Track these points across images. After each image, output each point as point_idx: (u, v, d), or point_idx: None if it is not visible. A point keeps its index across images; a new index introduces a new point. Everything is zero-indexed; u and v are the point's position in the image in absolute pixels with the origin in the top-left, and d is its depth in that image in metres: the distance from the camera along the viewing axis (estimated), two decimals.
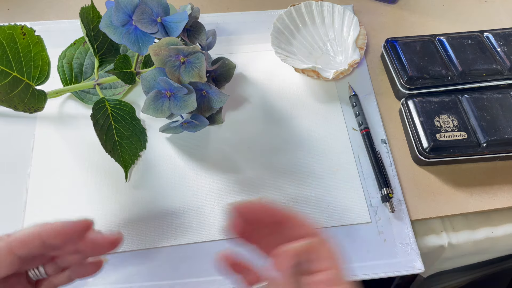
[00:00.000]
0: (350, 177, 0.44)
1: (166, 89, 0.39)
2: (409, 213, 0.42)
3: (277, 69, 0.51)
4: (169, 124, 0.42)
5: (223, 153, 0.45)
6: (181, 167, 0.44)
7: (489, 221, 0.43)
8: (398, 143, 0.46)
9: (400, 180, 0.44)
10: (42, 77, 0.43)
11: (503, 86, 0.48)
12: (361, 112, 0.47)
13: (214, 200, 0.42)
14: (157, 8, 0.40)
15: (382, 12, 0.58)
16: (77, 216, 0.40)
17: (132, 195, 0.42)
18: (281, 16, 0.52)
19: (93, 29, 0.43)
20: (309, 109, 0.48)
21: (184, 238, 0.40)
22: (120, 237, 0.30)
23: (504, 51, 0.49)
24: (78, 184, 0.42)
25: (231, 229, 0.29)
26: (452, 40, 0.50)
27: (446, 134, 0.43)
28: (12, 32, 0.41)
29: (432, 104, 0.45)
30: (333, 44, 0.52)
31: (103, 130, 0.41)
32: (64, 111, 0.47)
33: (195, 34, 0.44)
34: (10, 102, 0.42)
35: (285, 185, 0.43)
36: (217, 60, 0.47)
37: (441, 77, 0.47)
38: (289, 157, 0.45)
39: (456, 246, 0.42)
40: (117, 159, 0.42)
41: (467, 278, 0.61)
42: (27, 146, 0.44)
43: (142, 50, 0.40)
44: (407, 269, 0.39)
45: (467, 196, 0.43)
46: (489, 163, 0.45)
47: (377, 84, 0.51)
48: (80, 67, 0.47)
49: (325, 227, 0.41)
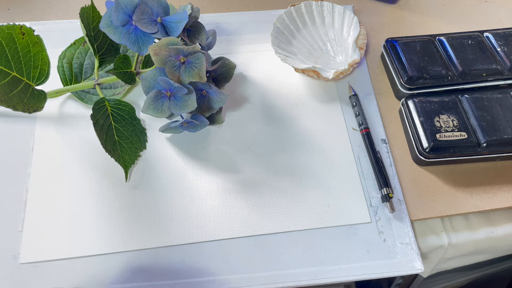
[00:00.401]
0: (350, 177, 0.44)
1: (166, 89, 0.39)
2: (409, 213, 0.42)
3: (277, 69, 0.51)
4: (169, 124, 0.42)
5: (223, 153, 0.45)
6: (181, 167, 0.44)
7: (489, 221, 0.43)
8: (398, 143, 0.46)
9: (400, 180, 0.44)
10: (41, 77, 0.43)
11: (503, 86, 0.48)
12: (361, 112, 0.47)
13: (214, 200, 0.42)
14: (157, 8, 0.40)
15: (382, 12, 0.58)
16: (76, 216, 0.40)
17: (132, 195, 0.42)
18: (281, 16, 0.52)
19: (93, 29, 0.43)
20: (309, 109, 0.48)
21: (184, 238, 0.40)
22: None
23: (504, 51, 0.49)
24: (78, 184, 0.42)
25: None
26: (452, 40, 0.50)
27: (446, 134, 0.43)
28: (11, 32, 0.41)
29: (432, 104, 0.45)
30: (333, 44, 0.52)
31: (103, 130, 0.41)
32: (64, 111, 0.47)
33: (195, 34, 0.44)
34: (9, 102, 0.42)
35: (285, 185, 0.43)
36: (217, 60, 0.47)
37: (441, 77, 0.47)
38: (289, 157, 0.45)
39: (456, 246, 0.42)
40: (117, 159, 0.42)
41: (467, 278, 0.61)
42: (27, 146, 0.44)
43: (142, 50, 0.40)
44: (407, 269, 0.39)
45: (467, 196, 0.43)
46: (489, 163, 0.45)
47: (377, 84, 0.51)
48: (80, 67, 0.47)
49: (325, 227, 0.41)
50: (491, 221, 0.43)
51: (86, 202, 0.41)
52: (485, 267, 0.60)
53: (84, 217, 0.40)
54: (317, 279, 0.38)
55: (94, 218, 0.40)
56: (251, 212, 0.41)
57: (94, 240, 0.39)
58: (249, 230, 0.40)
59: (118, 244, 0.39)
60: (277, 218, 0.41)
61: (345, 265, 0.39)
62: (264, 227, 0.40)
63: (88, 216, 0.40)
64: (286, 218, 0.41)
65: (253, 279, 0.38)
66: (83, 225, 0.40)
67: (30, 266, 0.38)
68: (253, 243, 0.40)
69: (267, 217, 0.41)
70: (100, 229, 0.40)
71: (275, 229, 0.40)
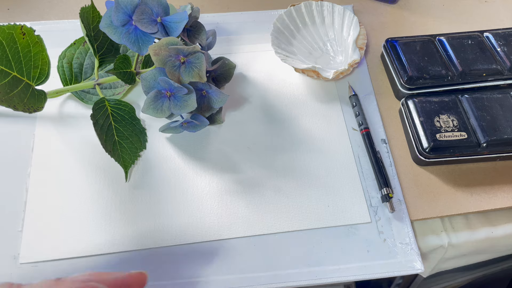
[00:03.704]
0: (350, 177, 0.44)
1: (166, 89, 0.39)
2: (409, 213, 0.42)
3: (277, 69, 0.51)
4: (169, 124, 0.42)
5: (223, 153, 0.45)
6: (181, 167, 0.44)
7: (489, 221, 0.43)
8: (398, 143, 0.46)
9: (400, 180, 0.44)
10: (42, 77, 0.43)
11: (503, 86, 0.48)
12: (361, 112, 0.47)
13: (214, 200, 0.42)
14: (157, 8, 0.40)
15: (382, 12, 0.58)
16: (76, 216, 0.40)
17: (132, 195, 0.42)
18: (281, 16, 0.52)
19: (93, 29, 0.43)
20: (309, 109, 0.48)
21: (184, 238, 0.40)
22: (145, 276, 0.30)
23: (504, 51, 0.49)
24: (78, 184, 0.42)
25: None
26: (452, 40, 0.50)
27: (446, 134, 0.43)
28: (12, 32, 0.41)
29: (432, 104, 0.45)
30: (333, 44, 0.52)
31: (103, 130, 0.41)
32: (64, 111, 0.47)
33: (195, 34, 0.44)
34: (9, 102, 0.42)
35: (285, 185, 0.43)
36: (217, 60, 0.47)
37: (441, 77, 0.47)
38: (289, 157, 0.45)
39: (456, 246, 0.42)
40: (117, 159, 0.42)
41: (467, 278, 0.61)
42: (27, 146, 0.44)
43: (142, 50, 0.40)
44: (407, 269, 0.39)
45: (467, 196, 0.43)
46: (489, 163, 0.45)
47: (377, 84, 0.51)
48: (80, 67, 0.47)
49: (325, 227, 0.41)
50: (491, 221, 0.43)
51: (86, 202, 0.41)
52: (485, 267, 0.60)
53: (84, 217, 0.40)
54: (317, 279, 0.38)
55: (94, 218, 0.40)
56: (251, 212, 0.41)
57: (94, 240, 0.39)
58: (249, 230, 0.40)
59: (118, 244, 0.39)
60: (277, 218, 0.41)
61: (345, 265, 0.39)
62: (264, 227, 0.40)
63: (88, 216, 0.40)
64: (286, 218, 0.41)
65: (253, 279, 0.38)
66: (83, 225, 0.40)
67: (30, 266, 0.38)
68: (253, 243, 0.40)
69: (267, 217, 0.41)
70: (100, 229, 0.40)
71: (275, 229, 0.40)
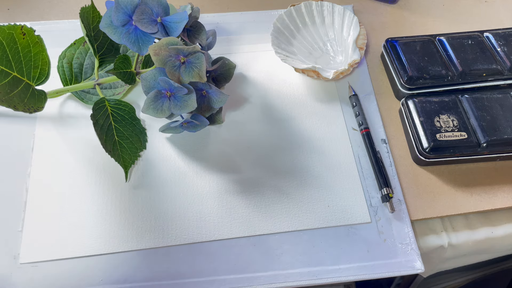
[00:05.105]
0: (350, 177, 0.44)
1: (166, 89, 0.39)
2: (409, 213, 0.42)
3: (277, 69, 0.51)
4: (169, 124, 0.42)
5: (223, 153, 0.45)
6: (181, 167, 0.44)
7: (489, 221, 0.43)
8: (398, 143, 0.46)
9: (400, 180, 0.44)
10: (42, 77, 0.43)
11: (503, 86, 0.48)
12: (361, 112, 0.47)
13: (214, 200, 0.42)
14: (157, 8, 0.40)
15: (382, 12, 0.58)
16: (76, 216, 0.40)
17: (132, 195, 0.42)
18: (281, 16, 0.52)
19: (93, 29, 0.43)
20: (309, 109, 0.48)
21: (184, 238, 0.40)
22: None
23: (504, 51, 0.49)
24: (78, 184, 0.42)
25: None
26: (452, 40, 0.50)
27: (446, 134, 0.43)
28: (12, 32, 0.41)
29: (432, 104, 0.45)
30: (333, 44, 0.52)
31: (103, 130, 0.41)
32: (64, 111, 0.47)
33: (195, 34, 0.44)
34: (10, 102, 0.42)
35: (285, 185, 0.43)
36: (217, 60, 0.47)
37: (441, 77, 0.47)
38: (289, 157, 0.45)
39: (456, 246, 0.42)
40: (117, 159, 0.42)
41: (467, 278, 0.61)
42: (27, 146, 0.44)
43: (142, 50, 0.40)
44: (407, 269, 0.39)
45: (467, 196, 0.43)
46: (489, 163, 0.45)
47: (377, 84, 0.51)
48: (80, 67, 0.47)
49: (325, 227, 0.41)
50: (491, 221, 0.43)
51: (86, 202, 0.41)
52: (485, 267, 0.60)
53: (84, 217, 0.40)
54: (317, 279, 0.38)
55: (94, 218, 0.40)
56: (251, 212, 0.41)
57: (94, 240, 0.39)
58: (249, 230, 0.40)
59: (118, 244, 0.39)
60: (277, 218, 0.41)
61: (345, 265, 0.39)
62: (264, 227, 0.40)
63: (88, 216, 0.40)
64: (286, 218, 0.41)
65: (253, 279, 0.38)
66: (83, 225, 0.40)
67: (30, 266, 0.38)
68: (253, 243, 0.40)
69: (267, 217, 0.41)
70: (100, 229, 0.40)
71: (275, 229, 0.40)
